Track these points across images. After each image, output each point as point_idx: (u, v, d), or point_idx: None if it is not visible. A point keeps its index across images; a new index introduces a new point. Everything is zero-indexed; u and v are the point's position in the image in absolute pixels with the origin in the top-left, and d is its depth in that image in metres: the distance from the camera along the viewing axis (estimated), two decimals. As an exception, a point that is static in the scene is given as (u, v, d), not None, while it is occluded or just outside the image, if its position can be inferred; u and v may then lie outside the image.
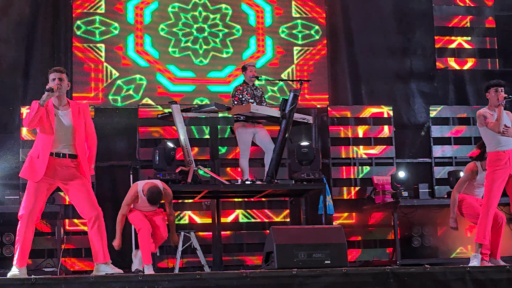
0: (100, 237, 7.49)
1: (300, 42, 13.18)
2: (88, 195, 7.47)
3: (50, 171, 7.33)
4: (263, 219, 12.24)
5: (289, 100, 10.37)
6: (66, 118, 7.43)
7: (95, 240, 7.50)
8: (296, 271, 7.02)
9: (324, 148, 12.60)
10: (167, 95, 12.55)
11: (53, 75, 7.42)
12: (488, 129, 8.59)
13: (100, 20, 12.69)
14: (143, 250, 9.07)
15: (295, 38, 13.18)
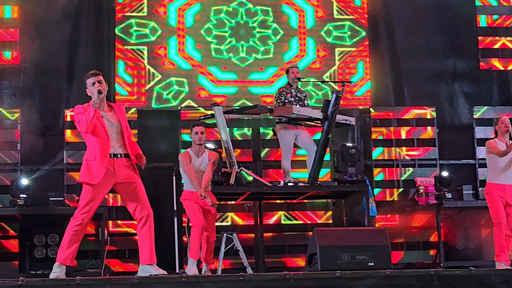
0: (149, 237, 7.51)
1: (342, 43, 13.13)
2: (141, 195, 7.52)
3: (110, 172, 7.38)
4: (306, 220, 12.21)
5: (332, 101, 10.35)
6: (113, 118, 7.49)
7: (143, 241, 7.51)
8: (339, 273, 6.99)
9: (366, 149, 12.55)
10: (209, 97, 12.59)
11: (92, 79, 7.45)
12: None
13: (143, 23, 12.77)
14: (192, 245, 9.14)
15: (337, 39, 13.14)
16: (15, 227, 11.54)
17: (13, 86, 12.23)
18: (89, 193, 7.37)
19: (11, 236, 11.56)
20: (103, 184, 7.40)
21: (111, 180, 7.44)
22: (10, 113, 12.00)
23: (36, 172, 11.82)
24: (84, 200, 7.38)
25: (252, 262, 11.15)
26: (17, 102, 12.14)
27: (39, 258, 11.21)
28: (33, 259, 11.26)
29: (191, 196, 9.32)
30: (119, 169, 7.44)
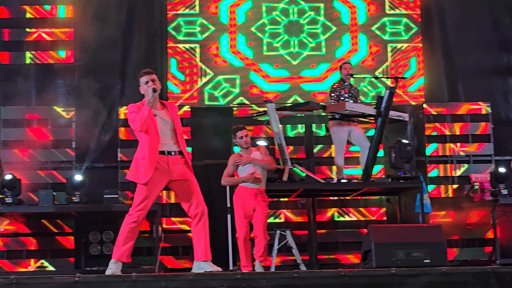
0: (204, 234, 7.54)
1: (394, 39, 13.04)
2: (195, 192, 7.55)
3: (163, 169, 7.42)
4: (359, 217, 12.15)
5: (385, 97, 10.28)
6: (166, 116, 7.53)
7: (198, 237, 7.54)
8: (394, 270, 6.93)
9: (420, 145, 12.44)
10: (261, 94, 12.60)
11: (145, 78, 7.50)
12: None
13: (194, 21, 12.83)
14: (241, 256, 9.24)
15: (389, 34, 13.05)
16: (70, 224, 11.68)
17: (67, 85, 12.39)
18: (143, 191, 7.42)
19: (66, 233, 11.71)
20: (157, 182, 7.43)
21: (165, 177, 7.48)
22: (65, 111, 12.15)
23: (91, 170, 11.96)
24: (138, 198, 7.43)
25: (305, 259, 11.13)
26: (71, 100, 12.29)
27: (94, 254, 11.31)
28: (88, 255, 11.36)
29: (242, 196, 9.36)
30: (173, 166, 7.47)
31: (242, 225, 9.36)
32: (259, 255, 9.27)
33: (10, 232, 11.63)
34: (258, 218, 9.32)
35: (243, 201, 9.36)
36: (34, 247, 11.66)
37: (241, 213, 9.37)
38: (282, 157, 10.28)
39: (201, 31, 12.80)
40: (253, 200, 9.33)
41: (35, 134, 12.01)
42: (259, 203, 9.34)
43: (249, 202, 9.34)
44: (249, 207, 9.34)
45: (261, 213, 9.33)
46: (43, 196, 10.84)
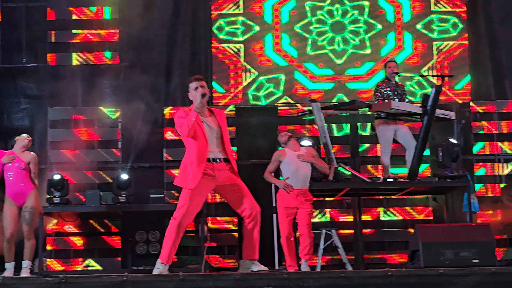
0: (255, 234, 7.52)
1: (440, 37, 12.92)
2: (246, 193, 7.52)
3: (209, 176, 7.41)
4: (405, 217, 12.07)
5: (431, 96, 10.18)
6: (213, 124, 7.51)
7: (250, 237, 7.50)
8: (443, 270, 6.87)
9: (467, 144, 12.32)
10: (306, 93, 12.57)
11: (195, 84, 7.47)
12: None
13: (238, 21, 12.84)
14: (286, 255, 9.28)
15: (435, 32, 12.93)
16: (117, 224, 11.79)
17: (113, 85, 12.49)
18: (187, 196, 7.39)
19: (113, 232, 11.81)
20: (202, 188, 7.42)
21: (211, 184, 7.45)
22: (111, 111, 12.25)
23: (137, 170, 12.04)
24: (182, 202, 7.40)
25: (351, 258, 11.08)
26: (117, 101, 12.38)
27: (140, 254, 11.39)
28: (135, 255, 11.45)
29: (284, 196, 9.37)
30: (219, 173, 7.44)
31: (285, 224, 9.36)
32: (304, 254, 9.25)
33: (58, 231, 11.76)
34: (302, 216, 9.32)
35: (285, 200, 9.36)
36: (81, 246, 11.78)
37: (283, 212, 9.37)
38: (328, 156, 10.25)
39: (245, 31, 12.81)
40: (295, 200, 9.32)
41: (81, 135, 12.12)
42: (301, 202, 9.33)
43: (291, 202, 9.34)
44: (291, 206, 9.34)
45: (305, 211, 9.32)
46: (90, 196, 10.95)
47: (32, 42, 12.62)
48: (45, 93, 12.45)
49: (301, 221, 9.31)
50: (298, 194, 9.34)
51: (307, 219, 9.32)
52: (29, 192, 9.45)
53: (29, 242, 9.46)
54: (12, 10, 12.65)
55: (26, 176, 9.50)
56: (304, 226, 9.28)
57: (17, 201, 9.43)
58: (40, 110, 12.37)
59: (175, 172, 11.86)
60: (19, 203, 9.43)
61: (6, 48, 12.56)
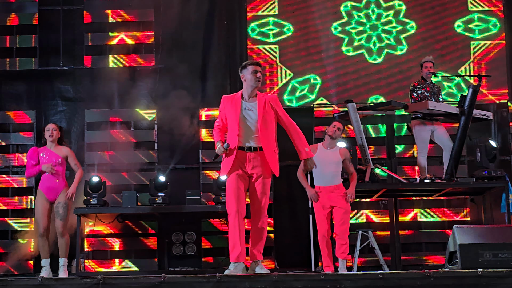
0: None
1: (477, 36, 12.81)
2: (261, 197, 7.57)
3: (241, 164, 7.46)
4: (442, 218, 11.99)
5: (468, 96, 10.12)
6: (253, 110, 7.53)
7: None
8: (481, 271, 6.81)
9: (505, 144, 12.21)
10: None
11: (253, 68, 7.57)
12: None
13: (274, 22, 12.84)
14: (323, 255, 9.28)
15: (472, 32, 12.83)
16: (153, 225, 11.85)
17: (149, 88, 12.55)
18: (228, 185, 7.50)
19: (150, 233, 11.88)
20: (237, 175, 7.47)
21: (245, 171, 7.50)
22: (147, 113, 12.32)
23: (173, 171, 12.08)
24: (227, 194, 7.53)
25: (387, 259, 11.03)
26: (153, 103, 12.44)
27: (177, 255, 11.45)
28: (171, 256, 11.51)
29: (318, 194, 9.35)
30: (249, 162, 7.48)
31: (322, 223, 9.33)
32: (340, 252, 9.22)
33: (95, 233, 11.84)
34: (337, 215, 9.29)
35: (320, 198, 9.33)
36: (118, 247, 11.85)
37: (319, 210, 9.35)
38: (364, 157, 10.21)
39: (281, 32, 12.81)
40: (329, 197, 9.30)
41: (118, 137, 12.20)
42: (337, 199, 9.31)
43: (326, 199, 9.31)
44: (326, 205, 9.32)
45: (339, 210, 9.29)
46: (126, 198, 11.01)
47: (69, 44, 12.74)
48: (82, 95, 12.56)
49: (336, 220, 9.30)
50: (332, 190, 9.33)
51: (342, 217, 9.28)
52: (62, 188, 9.53)
53: (63, 238, 9.53)
54: (49, 13, 12.78)
55: (61, 172, 9.60)
56: (338, 225, 9.26)
57: (50, 196, 9.51)
58: (77, 112, 12.48)
59: (211, 173, 11.92)
60: (51, 198, 9.51)
61: (43, 51, 12.68)
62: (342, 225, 9.26)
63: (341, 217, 9.28)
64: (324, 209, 9.32)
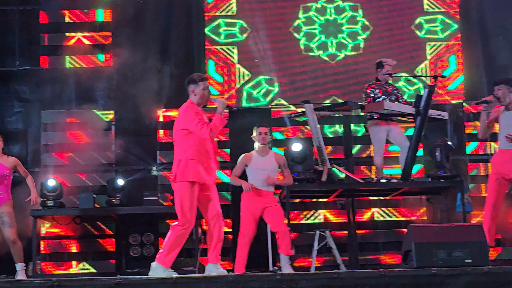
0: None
1: (433, 37, 12.93)
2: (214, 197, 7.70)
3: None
4: (399, 217, 12.09)
5: (424, 96, 10.20)
6: None
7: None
8: (435, 270, 6.89)
9: (460, 144, 12.33)
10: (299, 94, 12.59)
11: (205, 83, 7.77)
12: None
13: (231, 22, 12.84)
14: (237, 258, 9.38)
15: (428, 33, 12.94)
16: (111, 227, 11.80)
17: (107, 88, 12.48)
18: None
19: (107, 235, 11.82)
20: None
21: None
22: (105, 114, 12.25)
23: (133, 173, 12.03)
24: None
25: (345, 259, 11.09)
26: (111, 103, 12.37)
27: (134, 256, 11.40)
28: (129, 257, 11.46)
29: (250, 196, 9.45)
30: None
31: (249, 225, 9.44)
32: (289, 249, 9.28)
33: (52, 234, 11.75)
34: (271, 213, 9.41)
35: (251, 200, 9.43)
36: (76, 249, 11.77)
37: (247, 210, 9.45)
38: (321, 157, 10.25)
39: (238, 33, 12.81)
40: (262, 200, 9.44)
41: (75, 138, 12.12)
42: (268, 200, 9.45)
43: (259, 202, 9.42)
44: (257, 207, 9.44)
45: (272, 208, 9.43)
46: (83, 199, 10.94)
47: (25, 45, 12.60)
48: (39, 96, 12.44)
49: (273, 219, 9.42)
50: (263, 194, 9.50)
51: (276, 214, 9.43)
52: (5, 201, 9.43)
53: (16, 245, 9.46)
54: (4, 13, 12.63)
55: (7, 184, 9.49)
56: (278, 223, 9.38)
57: None
58: (34, 113, 12.35)
59: (168, 174, 11.88)
60: None
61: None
62: (279, 222, 9.36)
63: (275, 214, 9.38)
64: (253, 211, 9.42)
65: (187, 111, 7.61)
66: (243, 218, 9.49)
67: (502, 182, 8.88)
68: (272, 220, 9.42)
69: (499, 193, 8.92)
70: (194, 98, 7.71)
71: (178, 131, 7.66)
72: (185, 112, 7.61)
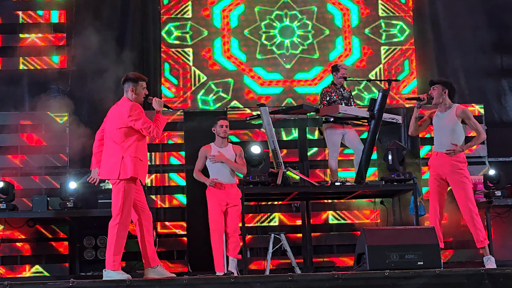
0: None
1: (387, 42, 13.05)
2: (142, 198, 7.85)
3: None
4: (353, 220, 12.17)
5: (378, 100, 10.27)
6: None
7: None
8: (388, 273, 6.95)
9: (414, 148, 12.44)
10: (255, 97, 12.61)
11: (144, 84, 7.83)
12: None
13: (188, 25, 12.84)
14: (215, 257, 9.34)
15: (382, 37, 13.06)
16: (65, 230, 11.68)
17: (61, 90, 12.38)
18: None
19: (61, 238, 11.70)
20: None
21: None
22: (59, 116, 12.14)
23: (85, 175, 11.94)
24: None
25: (300, 262, 11.13)
26: (65, 105, 12.26)
27: (88, 260, 11.33)
28: (83, 261, 11.38)
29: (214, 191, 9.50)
30: None
31: (218, 219, 9.46)
32: (237, 252, 9.32)
33: (5, 238, 11.61)
34: (231, 214, 9.48)
35: (216, 195, 9.48)
36: (29, 252, 11.65)
37: (214, 204, 9.48)
38: (276, 160, 10.27)
39: (194, 35, 12.82)
40: (226, 194, 9.50)
41: (28, 140, 12.00)
42: (232, 197, 9.52)
43: (223, 196, 9.49)
44: (223, 202, 9.49)
45: (234, 209, 9.48)
46: (37, 202, 10.84)
47: (-22, 46, 12.48)
48: (-9, 97, 12.32)
49: (229, 218, 9.48)
50: (227, 187, 9.57)
51: (235, 215, 9.50)
52: None
53: None
54: (-43, 13, 12.50)
55: None
56: (232, 224, 9.45)
57: None
58: (-14, 115, 12.22)
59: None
60: None
61: (-49, 52, 12.41)
62: (235, 224, 9.44)
63: (233, 215, 9.45)
64: (220, 205, 9.46)
65: (132, 109, 7.59)
66: (211, 213, 9.49)
67: (442, 183, 8.99)
68: (228, 221, 9.45)
69: (440, 194, 9.03)
70: (132, 96, 7.73)
71: (120, 129, 7.64)
72: (129, 111, 7.60)
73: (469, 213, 8.79)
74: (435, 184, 8.99)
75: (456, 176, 8.83)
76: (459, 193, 8.83)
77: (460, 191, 8.82)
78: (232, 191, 9.56)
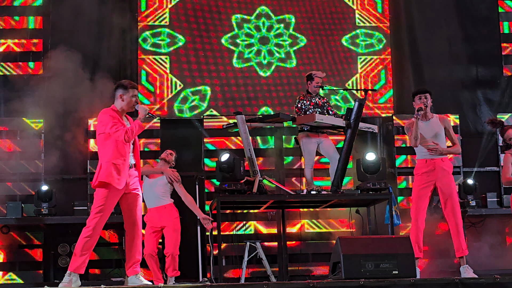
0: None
1: (364, 51, 13.12)
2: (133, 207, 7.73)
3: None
4: (329, 229, 12.19)
5: (354, 109, 10.29)
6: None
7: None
8: (363, 281, 6.97)
9: (390, 157, 12.50)
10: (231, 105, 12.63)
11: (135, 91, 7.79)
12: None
13: (165, 32, 12.83)
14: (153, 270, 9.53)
15: (359, 47, 13.13)
16: (39, 236, 11.62)
17: (37, 96, 12.30)
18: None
19: (35, 245, 11.63)
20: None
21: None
22: (34, 123, 12.08)
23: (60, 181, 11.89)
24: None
25: (275, 270, 11.13)
26: (41, 112, 12.19)
27: (63, 267, 11.26)
28: (57, 268, 11.33)
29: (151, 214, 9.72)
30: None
31: (150, 242, 9.63)
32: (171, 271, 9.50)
33: (-22, 244, 11.55)
34: (168, 234, 9.63)
35: (151, 219, 9.69)
36: (2, 259, 11.56)
37: (149, 230, 9.67)
38: (252, 168, 10.26)
39: (171, 43, 12.81)
40: (160, 217, 9.66)
41: (3, 146, 11.92)
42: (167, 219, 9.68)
43: (157, 220, 9.65)
44: (157, 225, 9.66)
45: (169, 229, 9.62)
46: (11, 208, 10.80)
47: (-47, 51, 12.40)
48: (-34, 103, 12.24)
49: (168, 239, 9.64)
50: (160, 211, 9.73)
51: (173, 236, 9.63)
52: None
53: None
54: None
55: None
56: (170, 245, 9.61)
57: None
58: (-39, 121, 12.14)
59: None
60: None
61: None
62: (173, 244, 9.56)
63: (171, 236, 9.57)
64: (153, 229, 9.63)
65: (103, 115, 7.60)
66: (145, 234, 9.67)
67: (428, 192, 9.02)
68: (167, 241, 9.61)
69: (424, 204, 9.07)
70: (120, 103, 7.68)
71: (99, 135, 7.65)
72: (101, 116, 7.61)
73: (456, 220, 8.84)
74: (421, 193, 9.01)
75: (447, 181, 8.87)
76: (447, 200, 8.87)
77: (449, 198, 8.87)
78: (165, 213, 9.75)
